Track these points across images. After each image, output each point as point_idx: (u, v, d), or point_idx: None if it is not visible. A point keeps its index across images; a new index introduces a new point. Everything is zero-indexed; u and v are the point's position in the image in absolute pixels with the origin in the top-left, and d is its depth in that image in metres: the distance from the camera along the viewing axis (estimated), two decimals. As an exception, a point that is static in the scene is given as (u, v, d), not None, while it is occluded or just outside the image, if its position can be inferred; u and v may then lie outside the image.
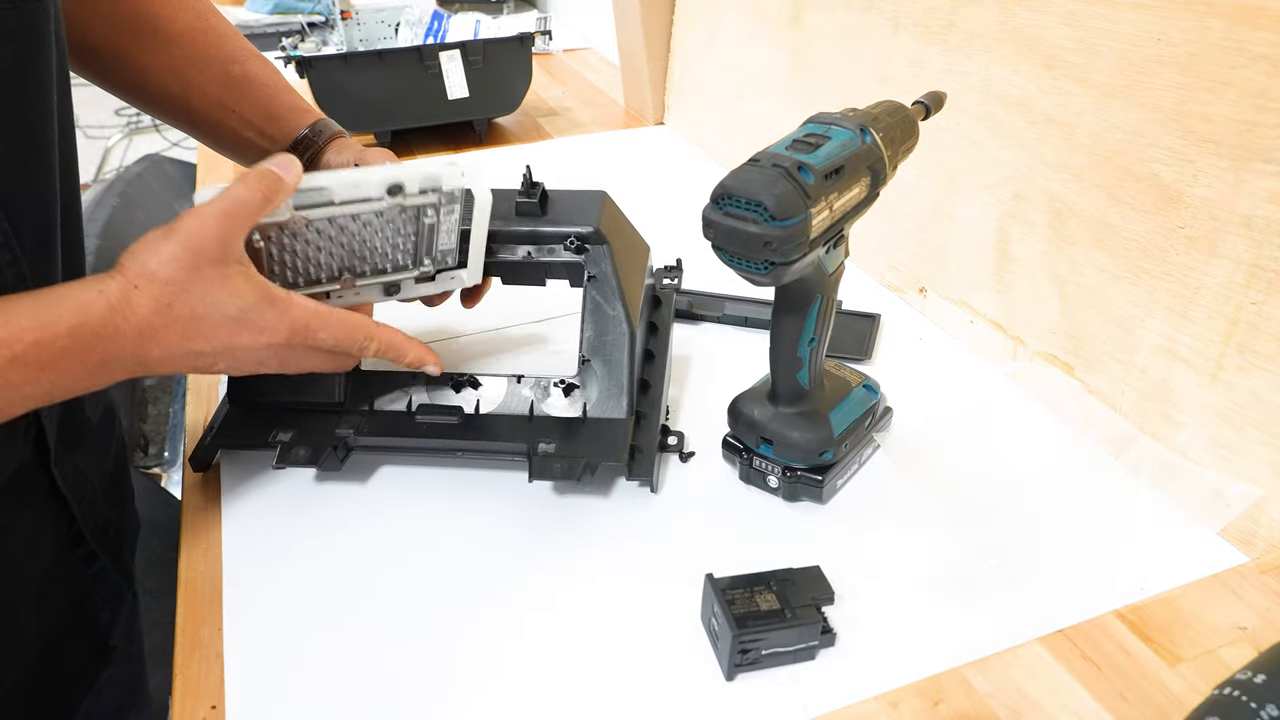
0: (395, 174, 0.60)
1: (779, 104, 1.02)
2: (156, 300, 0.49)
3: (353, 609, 0.54)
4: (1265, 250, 0.54)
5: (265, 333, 0.52)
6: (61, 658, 0.60)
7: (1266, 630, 0.51)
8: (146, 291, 0.48)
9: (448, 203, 0.61)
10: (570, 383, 0.63)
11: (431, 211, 0.61)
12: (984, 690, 0.48)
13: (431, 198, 0.60)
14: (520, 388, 0.64)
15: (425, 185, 0.60)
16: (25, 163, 0.50)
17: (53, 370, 0.46)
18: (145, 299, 0.48)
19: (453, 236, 0.63)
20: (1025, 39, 0.69)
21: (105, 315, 0.47)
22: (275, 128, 0.70)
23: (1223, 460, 0.59)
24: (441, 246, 0.62)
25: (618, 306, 0.62)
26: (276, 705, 0.48)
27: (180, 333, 0.50)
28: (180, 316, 0.49)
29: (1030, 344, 0.73)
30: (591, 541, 0.59)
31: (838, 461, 0.60)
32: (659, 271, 0.73)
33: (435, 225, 0.61)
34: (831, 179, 0.51)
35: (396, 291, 0.63)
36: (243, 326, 0.52)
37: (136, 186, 1.65)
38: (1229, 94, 0.55)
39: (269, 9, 1.89)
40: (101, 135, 3.16)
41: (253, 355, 0.53)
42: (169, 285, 0.49)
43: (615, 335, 0.62)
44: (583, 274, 0.63)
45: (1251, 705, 0.33)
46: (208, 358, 0.52)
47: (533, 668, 0.50)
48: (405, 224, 0.61)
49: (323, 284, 0.60)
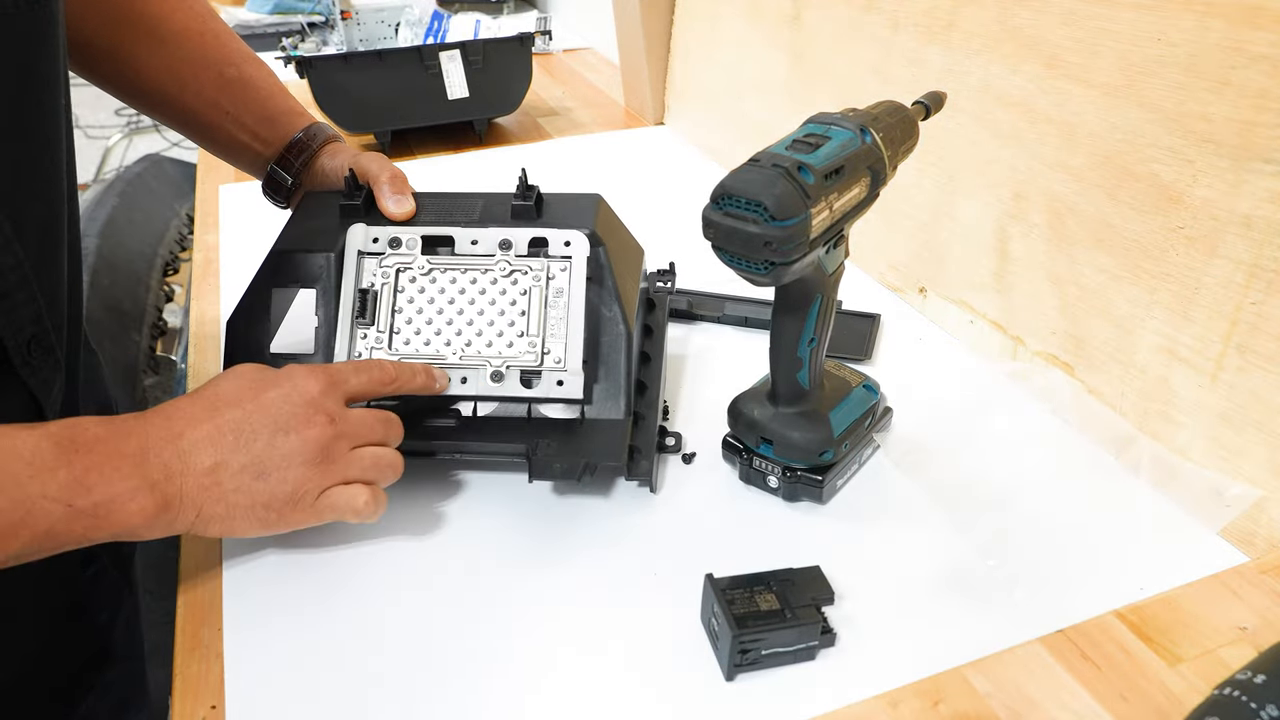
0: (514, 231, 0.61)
1: (779, 104, 1.02)
2: (174, 437, 0.49)
3: (353, 609, 0.54)
4: (1265, 250, 0.54)
5: (298, 390, 0.52)
6: (59, 661, 0.60)
7: (1266, 630, 0.51)
8: (165, 430, 0.49)
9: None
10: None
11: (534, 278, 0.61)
12: (984, 690, 0.48)
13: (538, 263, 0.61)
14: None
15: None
16: (29, 165, 0.50)
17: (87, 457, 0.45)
18: (167, 445, 0.48)
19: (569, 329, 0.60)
20: (1025, 39, 0.69)
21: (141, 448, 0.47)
22: (270, 131, 0.70)
23: (1223, 460, 0.59)
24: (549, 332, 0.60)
25: (614, 308, 0.62)
26: (276, 705, 0.48)
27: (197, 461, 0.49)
28: (200, 450, 0.49)
29: (1030, 344, 0.73)
30: (591, 542, 0.58)
31: (838, 461, 0.60)
32: (652, 275, 0.73)
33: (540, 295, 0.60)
34: (831, 179, 0.51)
35: (500, 380, 0.60)
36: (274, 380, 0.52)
37: (136, 186, 1.65)
38: (1229, 94, 0.55)
39: (269, 9, 1.89)
40: (101, 135, 3.15)
41: (288, 446, 0.51)
42: (194, 418, 0.50)
43: (612, 337, 0.62)
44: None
45: (1251, 705, 0.33)
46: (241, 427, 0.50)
47: (533, 668, 0.50)
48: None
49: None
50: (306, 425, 0.51)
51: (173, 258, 1.62)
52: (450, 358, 0.61)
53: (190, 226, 1.65)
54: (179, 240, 1.67)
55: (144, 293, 1.48)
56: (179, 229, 1.69)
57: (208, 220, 1.03)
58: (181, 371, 1.36)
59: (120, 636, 0.67)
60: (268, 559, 0.57)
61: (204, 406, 0.50)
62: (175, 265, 1.61)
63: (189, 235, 1.67)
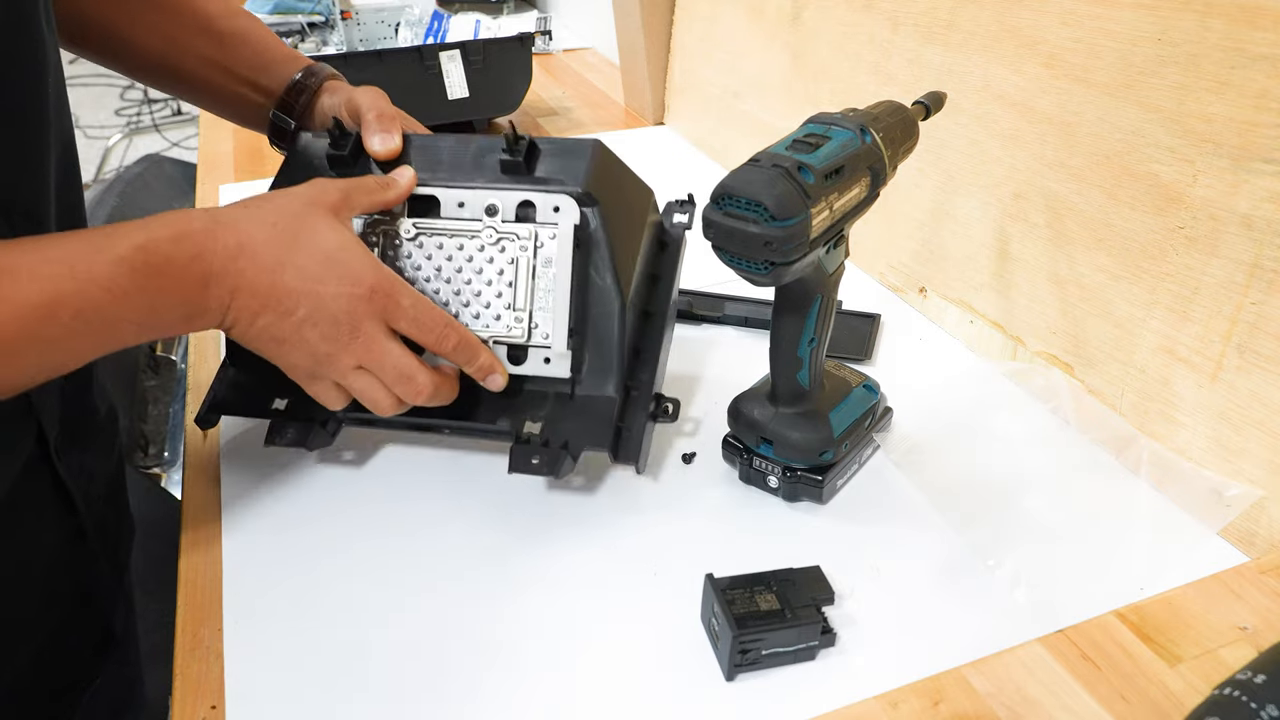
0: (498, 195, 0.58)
1: (779, 104, 1.02)
2: (262, 221, 0.51)
3: (353, 609, 0.54)
4: (1265, 250, 0.54)
5: (350, 279, 0.52)
6: (66, 644, 0.61)
7: (1266, 630, 0.51)
8: (255, 209, 0.52)
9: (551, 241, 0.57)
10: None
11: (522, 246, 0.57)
12: (984, 690, 0.48)
13: (525, 229, 0.58)
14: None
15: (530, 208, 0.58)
16: (17, 151, 0.50)
17: (159, 279, 0.47)
18: (252, 220, 0.51)
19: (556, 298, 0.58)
20: (1025, 39, 0.69)
21: (208, 225, 0.49)
22: (267, 78, 0.69)
23: (1223, 460, 0.59)
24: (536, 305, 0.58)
25: (607, 276, 0.58)
26: (276, 705, 0.48)
27: (274, 255, 0.51)
28: (282, 236, 0.51)
29: (1030, 344, 0.73)
30: (592, 542, 0.58)
31: (838, 461, 0.60)
32: (670, 205, 0.67)
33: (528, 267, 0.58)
34: (831, 179, 0.51)
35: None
36: (334, 266, 0.52)
37: (136, 186, 1.65)
38: (1229, 94, 0.55)
39: (269, 9, 1.88)
40: (101, 135, 3.16)
41: (332, 307, 0.52)
42: (279, 210, 0.52)
43: (605, 308, 0.59)
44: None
45: (1251, 705, 0.33)
46: (292, 298, 0.51)
47: (533, 667, 0.50)
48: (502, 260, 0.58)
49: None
50: (352, 338, 0.53)
51: (173, 258, 1.61)
52: None
53: (190, 226, 1.65)
54: (179, 240, 1.66)
55: (144, 293, 1.47)
56: (179, 229, 1.69)
57: (208, 220, 1.03)
58: (181, 371, 1.36)
59: (119, 628, 0.67)
60: (268, 559, 0.57)
61: (274, 253, 0.51)
62: (175, 265, 1.61)
63: (189, 235, 1.67)
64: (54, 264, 0.44)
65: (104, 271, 0.45)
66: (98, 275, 0.45)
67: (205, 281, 0.49)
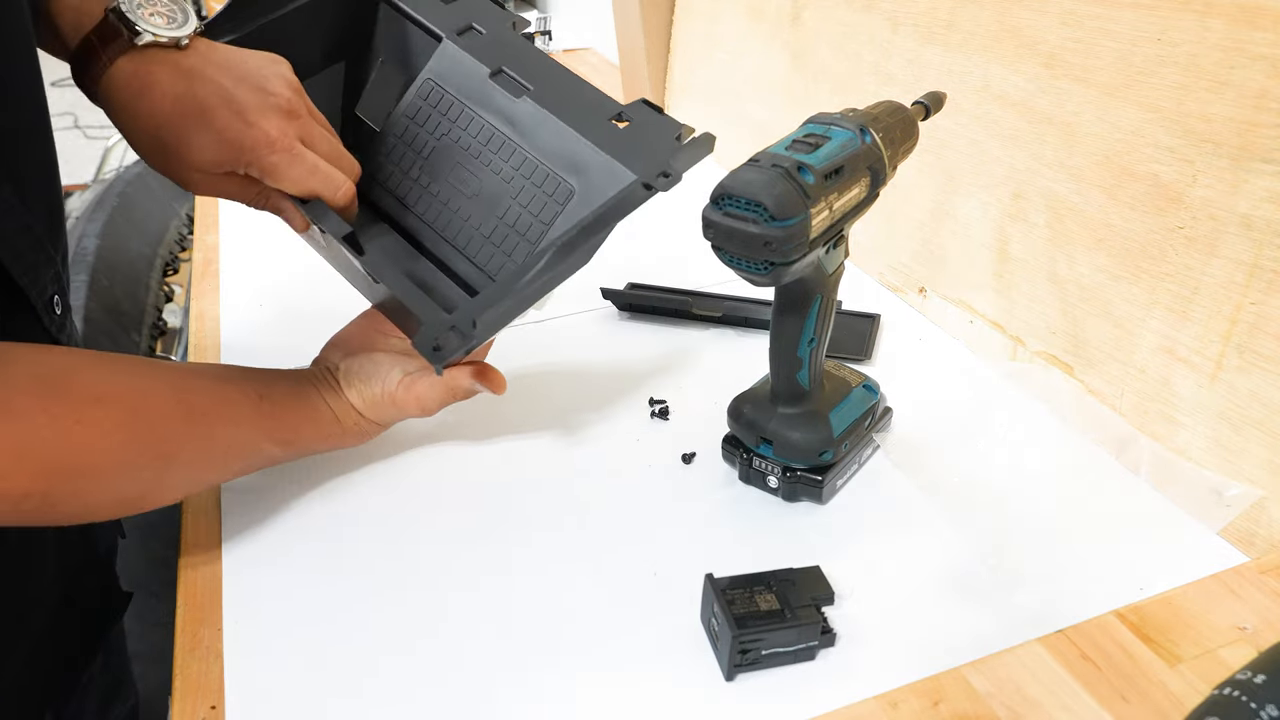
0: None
1: (779, 104, 1.02)
2: (384, 428, 0.62)
3: (352, 609, 0.54)
4: (1265, 250, 0.54)
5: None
6: (81, 600, 0.62)
7: (1266, 630, 0.51)
8: (379, 429, 0.62)
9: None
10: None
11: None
12: (984, 690, 0.48)
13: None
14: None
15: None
16: (26, 134, 0.51)
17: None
18: (377, 431, 0.62)
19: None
20: (1024, 39, 0.69)
21: (350, 428, 0.60)
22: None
23: (1223, 460, 0.59)
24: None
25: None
26: (276, 705, 0.48)
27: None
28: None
29: (1030, 344, 0.73)
30: (591, 541, 0.58)
31: (837, 462, 0.60)
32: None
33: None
34: (831, 179, 0.51)
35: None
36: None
37: (136, 186, 1.65)
38: (1229, 94, 0.55)
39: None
40: (101, 135, 3.15)
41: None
42: (393, 422, 0.63)
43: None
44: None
45: (1251, 705, 0.33)
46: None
47: (533, 668, 0.50)
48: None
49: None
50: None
51: (172, 258, 1.62)
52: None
53: (190, 227, 1.65)
54: (179, 240, 1.67)
55: (144, 293, 1.48)
56: (179, 229, 1.69)
57: (207, 220, 1.03)
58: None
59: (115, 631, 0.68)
60: (268, 559, 0.57)
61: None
62: (175, 265, 1.61)
63: (189, 235, 1.67)
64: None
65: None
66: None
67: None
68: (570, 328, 0.82)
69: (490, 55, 0.64)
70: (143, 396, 0.49)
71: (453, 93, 0.64)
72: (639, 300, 0.82)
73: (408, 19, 0.67)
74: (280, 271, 0.89)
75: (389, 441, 0.67)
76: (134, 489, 0.49)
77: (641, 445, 0.67)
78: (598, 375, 0.75)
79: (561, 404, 0.72)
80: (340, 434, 0.59)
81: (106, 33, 0.52)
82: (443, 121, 0.64)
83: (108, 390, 0.47)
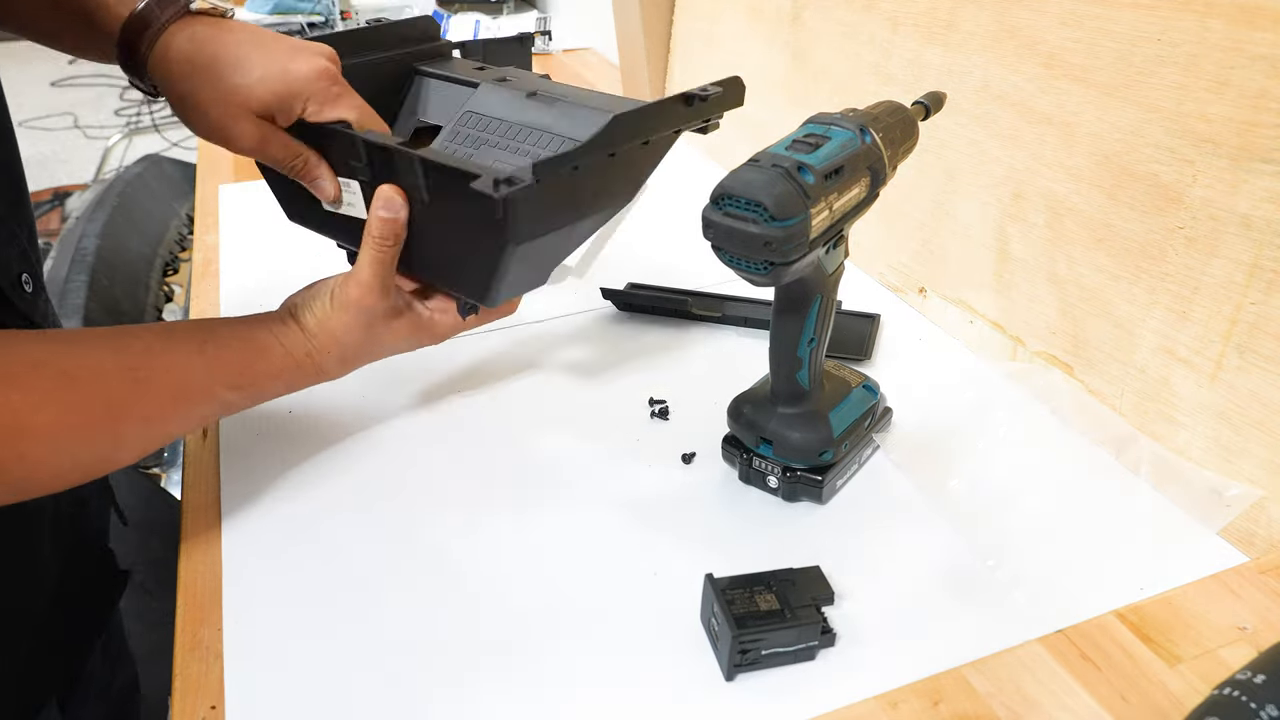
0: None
1: (779, 104, 1.02)
2: (340, 358, 0.61)
3: (352, 608, 0.54)
4: (1265, 250, 0.55)
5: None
6: (80, 578, 0.63)
7: (1266, 630, 0.51)
8: (333, 354, 0.60)
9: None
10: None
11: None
12: (984, 690, 0.48)
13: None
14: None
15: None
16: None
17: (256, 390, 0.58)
18: (332, 359, 0.60)
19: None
20: (1024, 39, 0.69)
21: (303, 360, 0.59)
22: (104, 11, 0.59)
23: (1223, 460, 0.59)
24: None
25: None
26: (276, 705, 0.48)
27: (353, 364, 0.62)
28: (355, 359, 0.62)
29: (1030, 344, 0.73)
30: (591, 541, 0.59)
31: (837, 462, 0.60)
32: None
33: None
34: (831, 179, 0.51)
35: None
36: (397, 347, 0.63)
37: (136, 186, 1.65)
38: (1229, 94, 0.55)
39: (269, 9, 1.89)
40: (101, 135, 3.16)
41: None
42: (350, 347, 0.60)
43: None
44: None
45: (1251, 705, 0.33)
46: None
47: (533, 667, 0.50)
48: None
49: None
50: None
51: (172, 258, 1.62)
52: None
53: (190, 226, 1.65)
54: (179, 240, 1.67)
55: (143, 293, 1.48)
56: (179, 229, 1.69)
57: (207, 220, 1.03)
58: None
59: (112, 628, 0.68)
60: (268, 559, 0.57)
61: (352, 364, 0.62)
62: (175, 265, 1.61)
63: (189, 235, 1.67)
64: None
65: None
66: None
67: (291, 386, 0.60)
68: (570, 328, 0.82)
69: (524, 84, 0.69)
70: (79, 358, 0.49)
71: (491, 114, 0.68)
72: (639, 300, 0.82)
73: (446, 80, 0.72)
74: (280, 272, 0.89)
75: (389, 442, 0.67)
76: (88, 451, 0.49)
77: (641, 445, 0.67)
78: (598, 375, 0.75)
79: (561, 404, 0.72)
80: (294, 368, 0.58)
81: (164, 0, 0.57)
82: (483, 135, 0.68)
83: (44, 356, 0.47)
